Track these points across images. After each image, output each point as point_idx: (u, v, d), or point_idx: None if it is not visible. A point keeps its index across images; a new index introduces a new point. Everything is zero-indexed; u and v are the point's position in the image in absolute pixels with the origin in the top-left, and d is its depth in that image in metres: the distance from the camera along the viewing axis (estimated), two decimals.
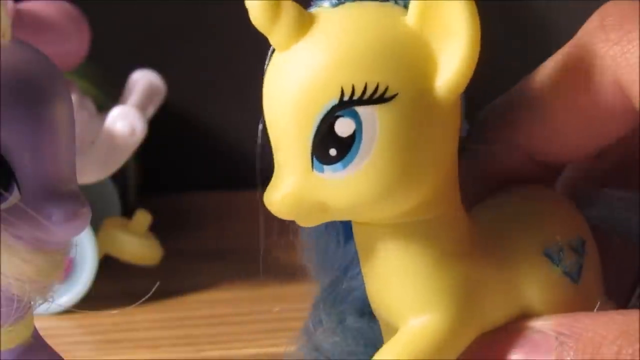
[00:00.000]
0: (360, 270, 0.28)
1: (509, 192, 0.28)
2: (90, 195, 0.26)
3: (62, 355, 0.28)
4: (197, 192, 0.59)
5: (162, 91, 0.48)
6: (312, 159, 0.24)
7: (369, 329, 0.29)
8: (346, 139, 0.24)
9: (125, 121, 0.41)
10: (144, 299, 0.34)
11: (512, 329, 0.26)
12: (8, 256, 0.24)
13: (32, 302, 0.26)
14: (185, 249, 0.50)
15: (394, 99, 0.24)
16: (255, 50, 0.66)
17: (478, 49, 0.24)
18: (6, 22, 0.24)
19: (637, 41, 0.26)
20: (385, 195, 0.24)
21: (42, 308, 0.26)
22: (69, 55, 0.42)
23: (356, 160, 0.24)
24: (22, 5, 0.40)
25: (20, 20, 0.39)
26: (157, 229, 0.45)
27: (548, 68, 0.27)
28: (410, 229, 0.25)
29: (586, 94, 0.27)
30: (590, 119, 0.27)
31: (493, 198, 0.28)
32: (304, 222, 0.25)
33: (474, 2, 0.24)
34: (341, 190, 0.24)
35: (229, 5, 0.59)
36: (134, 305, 0.34)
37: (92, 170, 0.41)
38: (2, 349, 0.26)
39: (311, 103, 0.24)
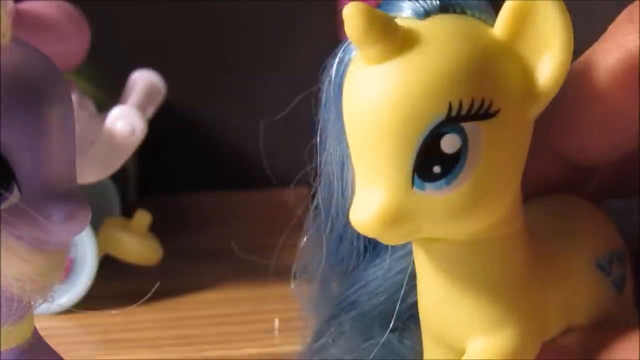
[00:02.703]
0: (387, 286, 0.28)
1: (549, 202, 0.28)
2: (90, 195, 0.26)
3: (62, 355, 0.28)
4: (197, 192, 0.59)
5: (162, 91, 0.48)
6: (412, 176, 0.23)
7: (398, 343, 0.29)
8: (451, 156, 0.23)
9: (126, 121, 0.41)
10: (144, 299, 0.34)
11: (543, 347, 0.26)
12: (8, 256, 0.24)
13: (32, 302, 0.26)
14: (185, 249, 0.50)
15: (498, 114, 0.23)
16: (256, 50, 0.66)
17: (570, 59, 0.24)
18: (6, 22, 0.24)
19: None
20: (482, 210, 0.24)
21: (42, 308, 0.26)
22: (69, 55, 0.42)
23: (460, 177, 0.23)
24: (22, 5, 0.40)
25: (20, 20, 0.39)
26: (157, 229, 0.45)
27: (579, 64, 0.27)
28: (483, 245, 0.25)
29: (617, 88, 0.26)
30: (622, 114, 0.27)
31: (534, 207, 0.28)
32: (391, 240, 0.25)
33: (567, 13, 0.24)
34: (440, 207, 0.24)
35: (230, 5, 0.59)
36: (134, 305, 0.34)
37: (92, 170, 0.41)
38: (2, 349, 0.26)
39: (416, 119, 0.23)
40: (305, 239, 0.30)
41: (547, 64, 0.24)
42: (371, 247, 0.29)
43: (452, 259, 0.25)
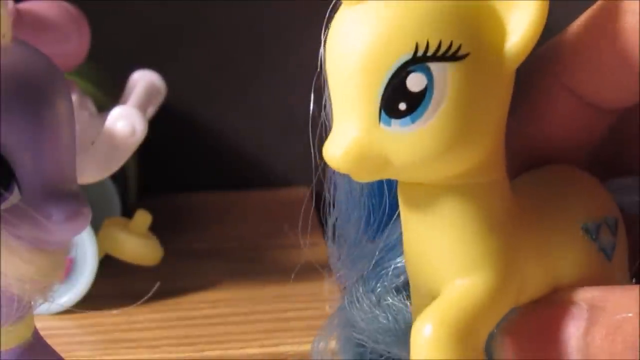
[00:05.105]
0: (400, 252, 0.28)
1: (544, 170, 0.29)
2: (90, 195, 0.26)
3: (62, 355, 0.28)
4: (197, 192, 0.59)
5: (162, 91, 0.48)
6: (380, 112, 0.24)
7: (403, 306, 0.30)
8: (417, 94, 0.24)
9: (126, 121, 0.41)
10: (144, 299, 0.34)
11: (548, 301, 0.27)
12: (8, 256, 0.24)
13: (32, 302, 0.26)
14: (185, 249, 0.50)
15: (465, 58, 0.24)
16: (256, 50, 0.66)
17: (546, 13, 0.24)
18: (6, 23, 0.24)
19: None
20: (448, 152, 0.25)
21: (42, 308, 0.26)
22: (69, 55, 0.42)
23: (425, 115, 0.24)
24: (22, 5, 0.40)
25: (20, 20, 0.39)
26: (157, 229, 0.45)
27: (593, 10, 0.27)
28: (462, 191, 0.26)
29: (632, 34, 0.26)
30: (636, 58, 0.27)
31: (529, 174, 0.29)
32: (362, 177, 0.25)
33: None
34: (406, 144, 0.24)
35: (229, 5, 0.59)
36: (134, 305, 0.34)
37: (92, 170, 0.41)
38: (2, 349, 0.26)
39: (384, 56, 0.24)
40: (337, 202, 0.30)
41: (520, 23, 0.25)
42: (384, 208, 0.30)
43: (431, 203, 0.26)
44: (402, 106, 0.24)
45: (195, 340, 0.40)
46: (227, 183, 0.61)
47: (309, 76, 0.28)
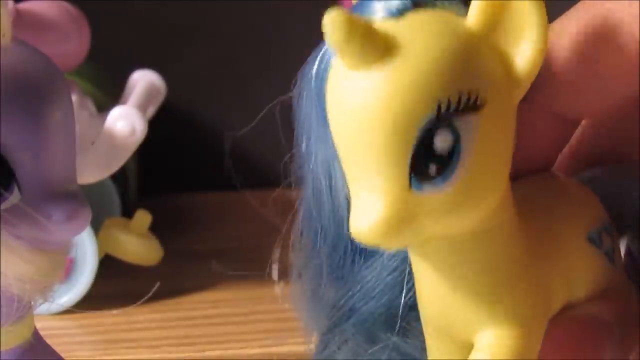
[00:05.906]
0: (381, 287, 0.28)
1: (529, 181, 0.28)
2: (90, 195, 0.26)
3: (62, 355, 0.28)
4: (197, 192, 0.59)
5: (162, 91, 0.48)
6: (410, 178, 0.23)
7: (403, 343, 0.29)
8: (445, 154, 0.23)
9: (126, 121, 0.41)
10: (144, 299, 0.34)
11: (567, 318, 0.26)
12: (8, 256, 0.24)
13: (32, 302, 0.26)
14: (185, 249, 0.50)
15: (485, 106, 0.24)
16: (256, 50, 0.66)
17: (547, 42, 0.24)
18: (6, 22, 0.24)
19: None
20: (483, 201, 0.24)
21: (42, 308, 0.26)
22: (69, 55, 0.42)
23: (457, 172, 0.23)
24: (22, 5, 0.40)
25: (20, 20, 0.39)
26: (157, 229, 0.45)
27: (565, 26, 0.27)
28: (479, 238, 0.25)
29: (606, 51, 0.26)
30: (613, 72, 0.27)
31: (517, 188, 0.28)
32: (393, 246, 0.25)
33: (542, 5, 0.24)
34: (440, 204, 0.24)
35: (229, 5, 0.59)
36: (134, 305, 0.34)
37: (92, 170, 0.41)
38: (2, 349, 0.26)
39: (407, 122, 0.23)
40: (295, 247, 0.30)
41: (525, 51, 0.24)
42: (363, 250, 0.29)
43: (451, 254, 0.25)
44: (433, 168, 0.23)
45: (196, 340, 0.40)
46: (227, 183, 0.61)
47: None
